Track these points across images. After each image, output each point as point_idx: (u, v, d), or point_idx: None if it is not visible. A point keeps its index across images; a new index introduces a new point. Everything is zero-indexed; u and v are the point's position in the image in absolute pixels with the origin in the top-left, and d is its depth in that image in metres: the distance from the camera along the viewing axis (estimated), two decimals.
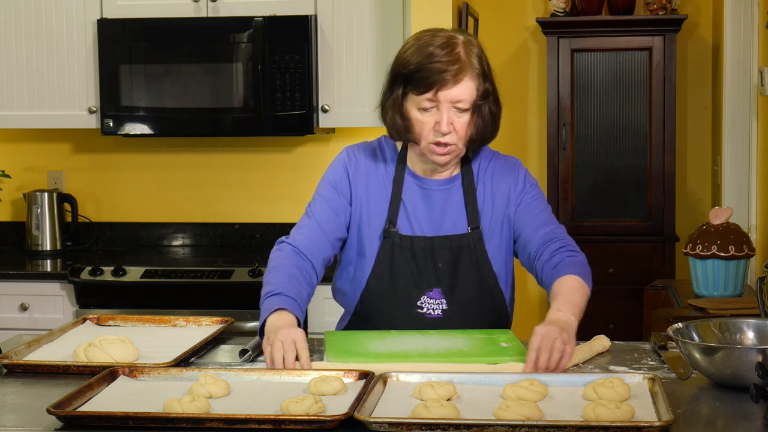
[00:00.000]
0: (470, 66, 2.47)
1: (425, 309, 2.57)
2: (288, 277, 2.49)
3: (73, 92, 4.39)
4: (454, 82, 2.45)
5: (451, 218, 2.60)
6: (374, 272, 2.59)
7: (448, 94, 2.46)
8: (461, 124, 2.49)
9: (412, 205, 2.60)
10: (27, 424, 1.94)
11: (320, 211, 2.62)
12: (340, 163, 2.67)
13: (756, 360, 1.99)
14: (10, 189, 4.75)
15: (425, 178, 2.62)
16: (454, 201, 2.61)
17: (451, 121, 2.48)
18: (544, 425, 1.83)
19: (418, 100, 2.49)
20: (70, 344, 2.46)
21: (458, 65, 2.46)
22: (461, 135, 2.50)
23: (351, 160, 2.66)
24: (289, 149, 4.67)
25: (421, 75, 2.46)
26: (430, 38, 2.50)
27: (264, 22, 4.19)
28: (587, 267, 2.58)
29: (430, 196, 2.61)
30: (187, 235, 4.74)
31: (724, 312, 3.29)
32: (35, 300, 4.15)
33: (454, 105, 2.47)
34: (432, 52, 2.46)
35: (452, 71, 2.45)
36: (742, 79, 4.57)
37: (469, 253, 2.58)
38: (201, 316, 2.72)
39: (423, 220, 2.60)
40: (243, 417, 1.89)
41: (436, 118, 2.49)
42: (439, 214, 2.60)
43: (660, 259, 5.19)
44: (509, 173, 2.65)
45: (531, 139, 5.56)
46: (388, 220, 2.59)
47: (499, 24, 5.45)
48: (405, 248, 2.57)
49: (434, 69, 2.45)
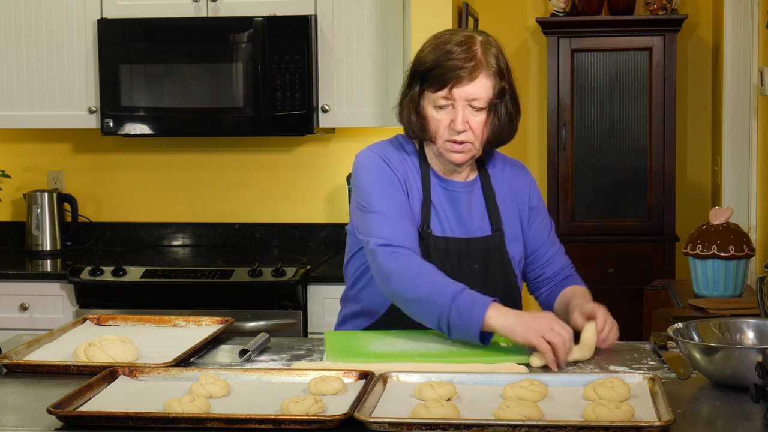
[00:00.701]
0: (487, 64, 2.47)
1: None
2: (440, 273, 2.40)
3: (73, 92, 4.39)
4: (469, 79, 2.45)
5: (477, 220, 2.61)
6: None
7: (463, 92, 2.46)
8: (477, 123, 2.49)
9: (442, 207, 2.59)
10: (27, 424, 1.94)
11: (400, 207, 2.51)
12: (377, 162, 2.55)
13: (756, 360, 1.99)
14: (10, 189, 4.75)
15: (449, 180, 2.61)
16: (477, 203, 2.62)
17: (466, 119, 2.48)
18: (544, 425, 1.83)
19: (434, 97, 2.49)
20: (70, 344, 2.46)
21: (474, 63, 2.46)
22: (477, 134, 2.50)
23: (387, 161, 2.56)
24: (289, 149, 4.67)
25: (437, 72, 2.47)
26: (449, 36, 2.51)
27: (264, 22, 4.19)
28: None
29: (456, 197, 2.60)
30: (187, 235, 4.75)
31: (724, 312, 3.29)
32: (35, 300, 4.15)
33: (469, 103, 2.47)
34: (449, 50, 2.47)
35: (468, 68, 2.45)
36: (742, 79, 4.57)
37: (496, 255, 2.59)
38: (201, 316, 2.72)
39: (453, 221, 2.59)
40: (243, 417, 1.89)
41: (451, 116, 2.49)
42: (466, 216, 2.60)
43: (660, 259, 5.19)
44: (523, 179, 2.69)
45: (531, 139, 5.56)
46: (422, 221, 2.56)
47: (499, 24, 5.45)
48: (440, 249, 2.55)
49: (450, 66, 2.45)
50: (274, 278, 3.99)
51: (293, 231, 4.66)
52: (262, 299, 4.02)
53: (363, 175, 2.57)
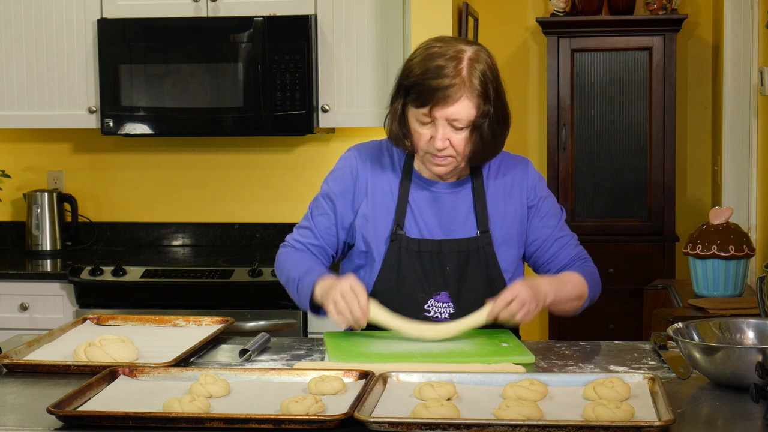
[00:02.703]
0: (470, 85, 2.42)
1: (432, 312, 2.55)
2: (308, 259, 2.61)
3: (73, 92, 4.39)
4: (451, 101, 2.42)
5: (460, 222, 2.58)
6: (381, 275, 2.57)
7: (443, 113, 2.43)
8: (458, 140, 2.46)
9: (419, 209, 2.58)
10: (27, 424, 1.94)
11: (320, 224, 2.67)
12: (346, 165, 2.65)
13: (756, 360, 2.00)
14: (10, 189, 4.75)
15: (433, 182, 2.60)
16: (463, 204, 2.59)
17: (446, 137, 2.45)
18: (544, 425, 1.83)
19: (416, 113, 2.47)
20: (70, 344, 2.46)
21: (457, 83, 2.41)
22: (459, 150, 2.48)
23: (357, 162, 2.64)
24: (289, 149, 4.67)
25: (420, 90, 2.44)
26: (438, 49, 2.46)
27: (264, 22, 4.19)
28: (596, 277, 2.67)
29: (438, 199, 2.59)
30: (187, 235, 4.75)
31: (724, 312, 3.29)
32: (35, 300, 4.16)
33: (450, 123, 2.45)
34: (435, 66, 2.43)
35: (451, 89, 2.41)
36: (742, 79, 4.57)
37: (478, 257, 2.56)
38: (201, 316, 2.72)
39: (431, 223, 2.58)
40: (243, 417, 1.89)
41: (432, 132, 2.46)
42: (447, 217, 2.59)
43: (660, 259, 5.19)
44: (521, 175, 2.64)
45: (531, 139, 5.57)
46: (395, 223, 2.57)
47: (499, 24, 5.45)
48: (412, 251, 2.55)
49: (432, 85, 2.42)
50: (274, 278, 3.97)
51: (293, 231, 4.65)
52: (262, 299, 4.03)
53: (328, 176, 2.70)
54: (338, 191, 2.64)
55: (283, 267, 2.65)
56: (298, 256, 2.64)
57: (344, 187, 2.63)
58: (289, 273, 2.62)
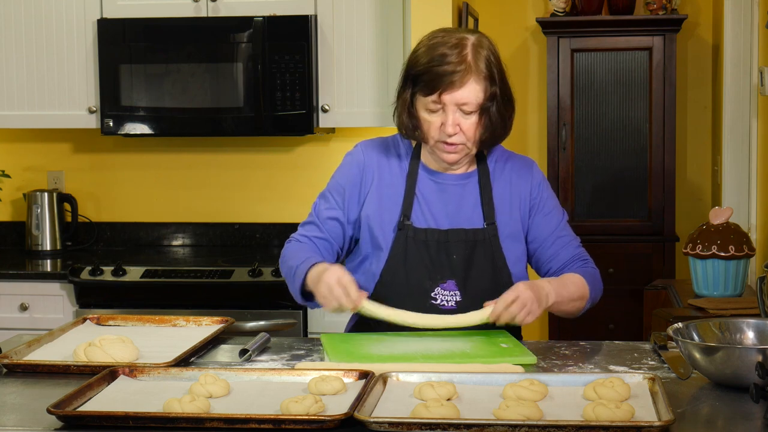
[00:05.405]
0: (476, 69, 2.49)
1: (439, 300, 2.58)
2: (308, 250, 2.63)
3: (73, 92, 4.39)
4: (459, 85, 2.48)
5: (467, 213, 2.62)
6: (388, 264, 2.59)
7: (452, 97, 2.49)
8: (468, 125, 2.52)
9: (426, 199, 2.62)
10: (27, 424, 1.94)
11: (325, 218, 2.68)
12: (353, 159, 2.69)
13: (756, 360, 1.99)
14: (10, 189, 4.75)
15: (440, 173, 2.64)
16: (470, 196, 2.63)
17: (457, 122, 2.51)
18: (544, 425, 1.83)
19: (425, 101, 2.52)
20: (70, 344, 2.46)
21: (464, 67, 2.48)
22: (469, 136, 2.53)
23: (363, 156, 2.67)
24: (289, 149, 4.67)
25: (427, 77, 2.50)
26: (442, 38, 2.53)
27: (264, 22, 4.19)
28: (597, 278, 2.69)
29: (446, 190, 2.63)
30: (187, 235, 4.75)
31: (724, 312, 3.29)
32: (35, 300, 4.16)
33: (459, 107, 2.50)
34: (440, 54, 2.49)
35: (458, 73, 2.47)
36: (742, 79, 4.57)
37: (484, 248, 2.59)
38: (201, 316, 2.72)
39: (438, 213, 2.61)
40: (243, 417, 1.89)
41: (442, 119, 2.52)
42: (454, 208, 2.62)
43: (660, 259, 5.19)
44: (526, 174, 2.68)
45: (531, 139, 5.56)
46: (402, 214, 2.60)
47: (499, 24, 5.45)
48: (419, 240, 2.58)
49: (440, 72, 2.48)
50: (274, 278, 3.99)
51: (293, 231, 4.64)
52: (262, 299, 4.02)
53: (335, 172, 2.73)
54: (345, 184, 2.66)
55: (285, 260, 2.67)
56: (299, 247, 2.67)
57: (351, 179, 2.66)
58: (289, 264, 2.63)
